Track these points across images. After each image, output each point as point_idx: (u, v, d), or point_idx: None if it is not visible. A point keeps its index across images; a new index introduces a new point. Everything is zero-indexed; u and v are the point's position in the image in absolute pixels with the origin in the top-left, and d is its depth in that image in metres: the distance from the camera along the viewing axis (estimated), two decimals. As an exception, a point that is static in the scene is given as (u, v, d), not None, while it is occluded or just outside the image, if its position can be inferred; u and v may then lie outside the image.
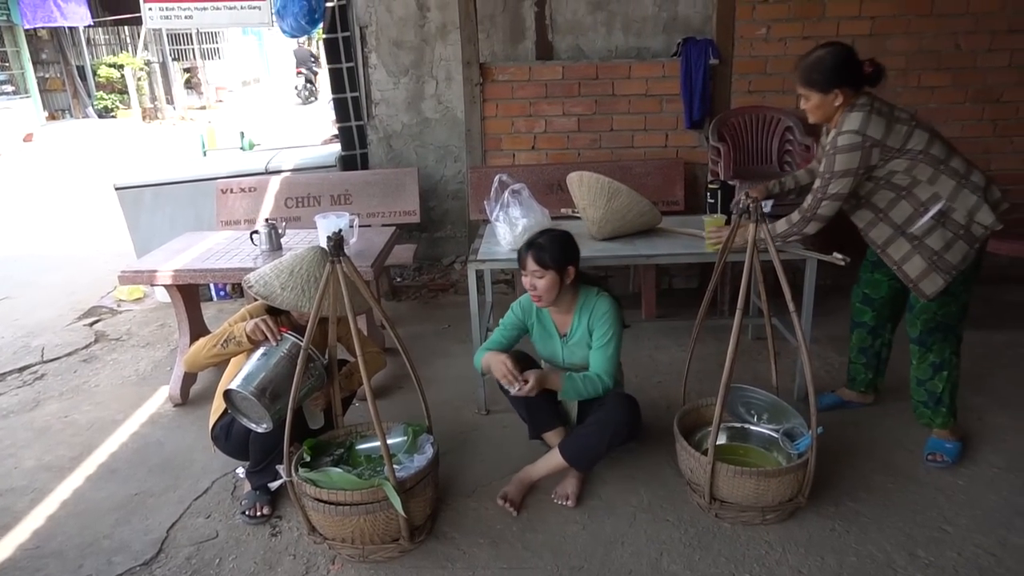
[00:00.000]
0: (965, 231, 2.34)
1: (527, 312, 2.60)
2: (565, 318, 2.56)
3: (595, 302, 2.49)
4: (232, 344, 2.31)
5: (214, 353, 2.33)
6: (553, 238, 2.42)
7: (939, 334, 2.49)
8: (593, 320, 2.48)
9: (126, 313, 4.50)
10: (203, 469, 2.71)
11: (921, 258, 2.38)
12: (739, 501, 2.26)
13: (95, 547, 2.30)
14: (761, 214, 2.19)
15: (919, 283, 2.40)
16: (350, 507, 2.09)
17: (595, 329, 2.47)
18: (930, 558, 2.12)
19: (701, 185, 4.20)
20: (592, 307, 2.49)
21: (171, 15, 3.96)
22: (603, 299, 2.50)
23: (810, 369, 2.19)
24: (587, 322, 2.49)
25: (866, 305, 2.79)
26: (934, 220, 2.34)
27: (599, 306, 2.48)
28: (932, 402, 2.58)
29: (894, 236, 2.42)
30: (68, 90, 16.45)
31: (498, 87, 4.13)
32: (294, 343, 2.27)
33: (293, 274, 2.36)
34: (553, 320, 2.59)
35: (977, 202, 2.33)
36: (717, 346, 3.31)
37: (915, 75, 4.08)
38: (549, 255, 2.37)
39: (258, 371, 2.22)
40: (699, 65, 3.99)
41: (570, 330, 2.55)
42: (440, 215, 4.55)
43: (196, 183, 4.39)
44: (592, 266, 2.55)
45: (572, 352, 2.56)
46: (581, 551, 2.20)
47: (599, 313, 2.47)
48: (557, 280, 2.39)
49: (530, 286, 2.42)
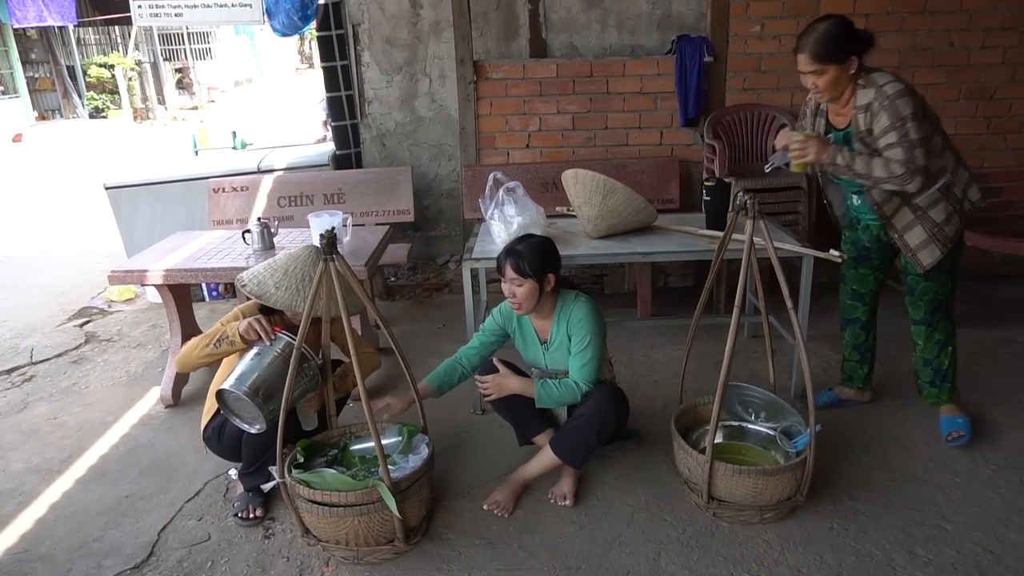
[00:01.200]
0: (959, 206, 2.41)
1: (507, 319, 2.54)
2: (545, 324, 2.48)
3: (572, 307, 2.41)
4: (225, 344, 2.28)
5: (207, 353, 2.30)
6: (532, 245, 2.34)
7: (941, 312, 2.58)
8: (571, 326, 2.40)
9: (117, 314, 4.45)
10: (195, 471, 2.68)
11: (923, 229, 2.41)
12: (737, 500, 2.25)
13: (84, 550, 2.27)
14: (758, 211, 2.17)
15: (918, 253, 2.44)
16: (344, 508, 2.06)
17: (572, 335, 2.39)
18: (929, 556, 2.10)
19: (696, 183, 4.19)
20: (570, 312, 2.40)
21: (160, 12, 3.91)
22: (580, 304, 2.41)
23: (807, 367, 2.17)
24: (565, 328, 2.41)
25: (856, 301, 2.80)
26: (939, 192, 2.37)
27: (576, 311, 2.39)
28: (939, 379, 2.67)
29: (901, 205, 2.42)
30: (58, 90, 16.35)
31: (492, 85, 4.11)
32: (288, 342, 2.24)
33: (288, 273, 2.33)
34: (534, 327, 2.52)
35: (969, 179, 2.41)
36: (714, 344, 3.30)
37: (909, 72, 4.06)
38: (528, 263, 2.29)
39: (251, 371, 2.19)
40: (693, 63, 3.97)
41: (550, 336, 2.48)
42: (434, 214, 4.52)
43: (188, 182, 4.35)
44: (587, 264, 2.52)
45: (554, 358, 2.50)
46: (578, 552, 2.18)
47: (576, 320, 2.38)
48: (536, 288, 2.32)
49: (509, 293, 2.36)
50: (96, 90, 16.64)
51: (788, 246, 2.78)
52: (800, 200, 3.81)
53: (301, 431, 2.40)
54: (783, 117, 4.04)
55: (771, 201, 3.77)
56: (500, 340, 2.57)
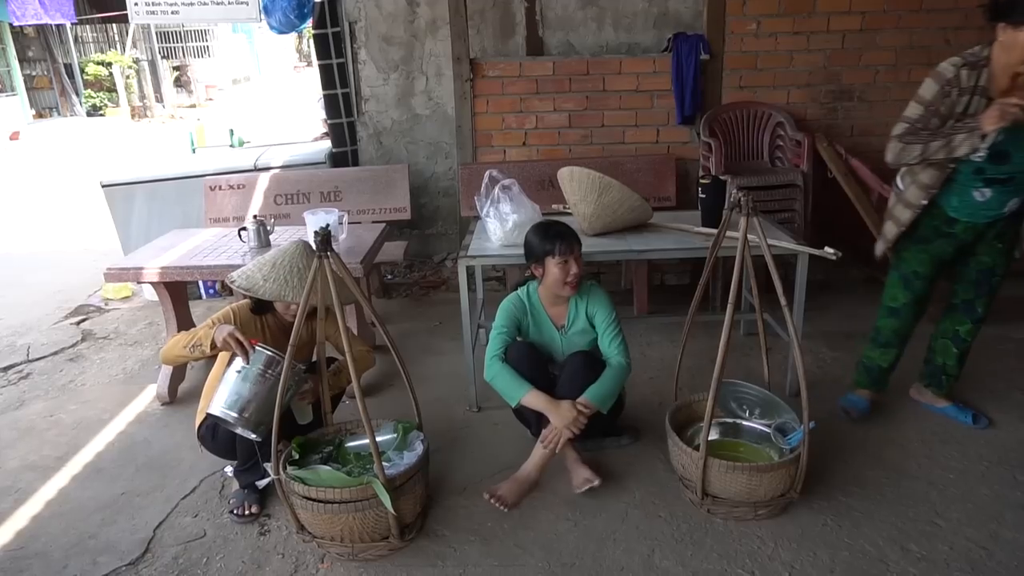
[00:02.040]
0: None
1: (521, 310, 2.59)
2: (560, 310, 2.58)
3: (588, 291, 2.56)
4: (198, 351, 2.28)
5: (183, 355, 2.31)
6: (568, 227, 2.50)
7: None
8: (592, 307, 2.54)
9: (113, 312, 4.45)
10: (190, 468, 2.68)
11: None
12: (731, 496, 2.25)
13: (80, 547, 2.27)
14: (752, 207, 2.18)
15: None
16: (339, 505, 2.07)
17: (596, 315, 2.53)
18: (922, 552, 2.11)
19: (692, 181, 4.20)
20: (587, 295, 2.55)
21: (157, 10, 3.90)
22: (595, 287, 2.59)
23: (801, 364, 2.18)
24: (584, 310, 2.55)
25: (923, 281, 2.61)
26: None
27: (593, 294, 2.56)
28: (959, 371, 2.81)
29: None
30: (56, 88, 16.32)
31: (488, 83, 4.11)
32: (269, 359, 2.22)
33: (275, 266, 2.34)
34: (548, 314, 2.59)
35: None
36: (709, 342, 3.27)
37: (905, 70, 4.09)
38: (576, 239, 2.47)
39: (236, 394, 2.18)
40: (690, 61, 3.98)
41: (568, 321, 2.57)
42: (431, 212, 4.52)
43: (184, 180, 4.34)
44: (583, 262, 2.53)
45: (571, 342, 2.58)
46: (573, 548, 2.19)
47: (595, 301, 2.55)
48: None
49: (570, 274, 2.45)
50: (94, 88, 16.62)
51: (783, 243, 2.79)
52: (796, 198, 3.81)
53: (297, 426, 2.40)
54: (779, 115, 4.05)
55: (767, 199, 3.77)
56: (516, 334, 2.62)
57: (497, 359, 2.47)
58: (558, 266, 2.44)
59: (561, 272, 2.44)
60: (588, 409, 2.35)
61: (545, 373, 2.52)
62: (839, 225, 4.03)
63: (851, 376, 2.95)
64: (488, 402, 2.96)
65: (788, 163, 3.98)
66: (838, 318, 3.80)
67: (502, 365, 2.45)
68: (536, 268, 2.52)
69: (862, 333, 2.97)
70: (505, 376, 2.43)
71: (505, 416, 2.67)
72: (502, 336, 2.53)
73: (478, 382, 2.89)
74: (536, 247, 2.49)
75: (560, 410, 2.34)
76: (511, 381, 2.41)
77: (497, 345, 2.51)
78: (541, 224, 2.57)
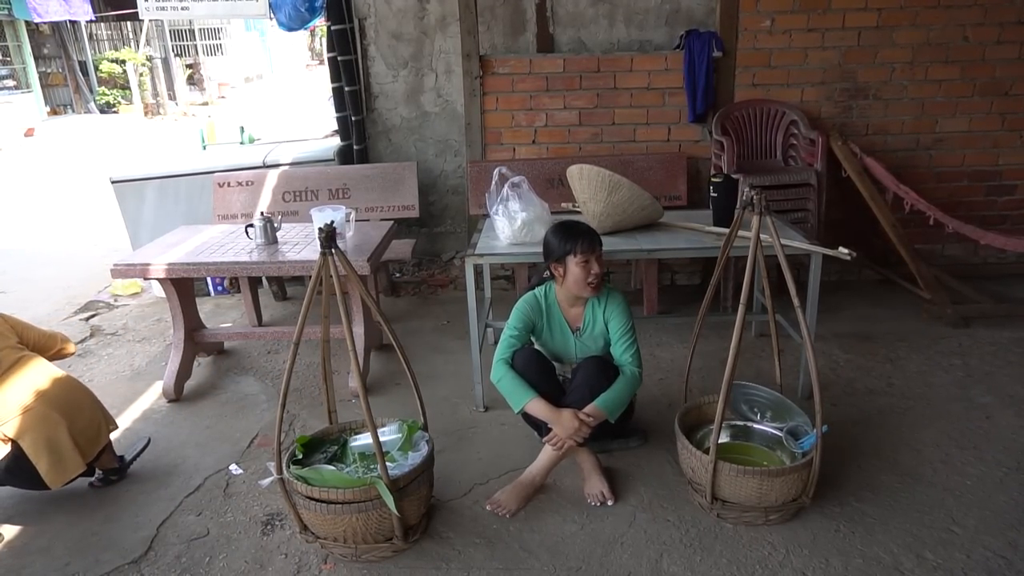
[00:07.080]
0: None
1: (536, 311, 2.54)
2: (577, 312, 2.54)
3: (607, 295, 2.50)
4: None
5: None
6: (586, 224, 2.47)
7: None
8: (609, 311, 2.49)
9: (122, 308, 4.46)
10: (195, 466, 2.67)
11: None
12: (741, 501, 2.21)
13: (83, 544, 2.26)
14: (765, 207, 2.13)
15: None
16: (342, 505, 2.04)
17: (612, 320, 2.48)
18: (938, 560, 2.06)
19: (704, 179, 4.14)
20: (606, 299, 2.50)
21: (167, 6, 3.90)
22: (613, 291, 2.52)
23: (815, 366, 2.13)
24: (602, 314, 2.50)
25: None
26: None
27: (611, 298, 2.50)
28: None
29: None
30: (70, 85, 16.46)
31: (498, 80, 4.08)
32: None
33: None
34: (564, 317, 2.54)
35: None
36: (720, 343, 3.25)
37: (922, 68, 4.01)
38: (598, 239, 2.43)
39: None
40: (702, 58, 3.93)
41: (583, 324, 2.53)
42: (440, 210, 4.50)
43: (193, 177, 4.34)
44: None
45: (585, 346, 2.54)
46: (579, 552, 2.15)
47: (613, 306, 2.49)
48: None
49: (593, 274, 2.40)
50: (107, 85, 16.75)
51: (796, 243, 2.74)
52: (809, 197, 3.75)
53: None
54: (793, 113, 3.99)
55: (779, 198, 3.72)
56: (529, 336, 2.58)
57: (504, 362, 2.44)
58: (579, 265, 2.39)
59: (583, 272, 2.39)
60: (592, 419, 2.30)
61: (552, 380, 2.46)
62: (853, 225, 3.97)
63: (865, 380, 2.90)
64: (495, 402, 2.93)
65: (801, 162, 3.92)
66: (851, 320, 3.74)
67: (507, 369, 2.41)
68: (556, 268, 2.45)
69: (876, 335, 2.91)
70: (510, 381, 2.39)
71: (512, 416, 2.63)
72: (512, 339, 2.49)
73: (485, 382, 2.86)
74: (557, 246, 2.42)
75: (562, 419, 2.30)
76: (516, 386, 2.37)
77: (506, 348, 2.47)
78: (562, 223, 2.50)
